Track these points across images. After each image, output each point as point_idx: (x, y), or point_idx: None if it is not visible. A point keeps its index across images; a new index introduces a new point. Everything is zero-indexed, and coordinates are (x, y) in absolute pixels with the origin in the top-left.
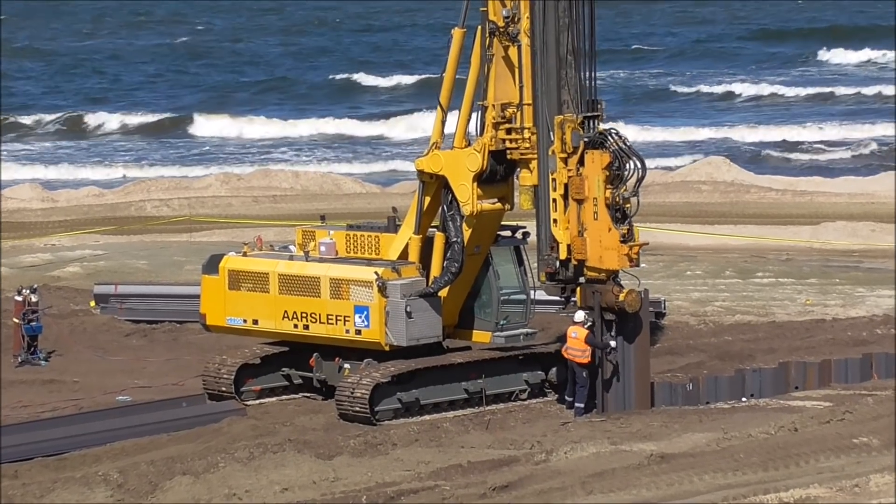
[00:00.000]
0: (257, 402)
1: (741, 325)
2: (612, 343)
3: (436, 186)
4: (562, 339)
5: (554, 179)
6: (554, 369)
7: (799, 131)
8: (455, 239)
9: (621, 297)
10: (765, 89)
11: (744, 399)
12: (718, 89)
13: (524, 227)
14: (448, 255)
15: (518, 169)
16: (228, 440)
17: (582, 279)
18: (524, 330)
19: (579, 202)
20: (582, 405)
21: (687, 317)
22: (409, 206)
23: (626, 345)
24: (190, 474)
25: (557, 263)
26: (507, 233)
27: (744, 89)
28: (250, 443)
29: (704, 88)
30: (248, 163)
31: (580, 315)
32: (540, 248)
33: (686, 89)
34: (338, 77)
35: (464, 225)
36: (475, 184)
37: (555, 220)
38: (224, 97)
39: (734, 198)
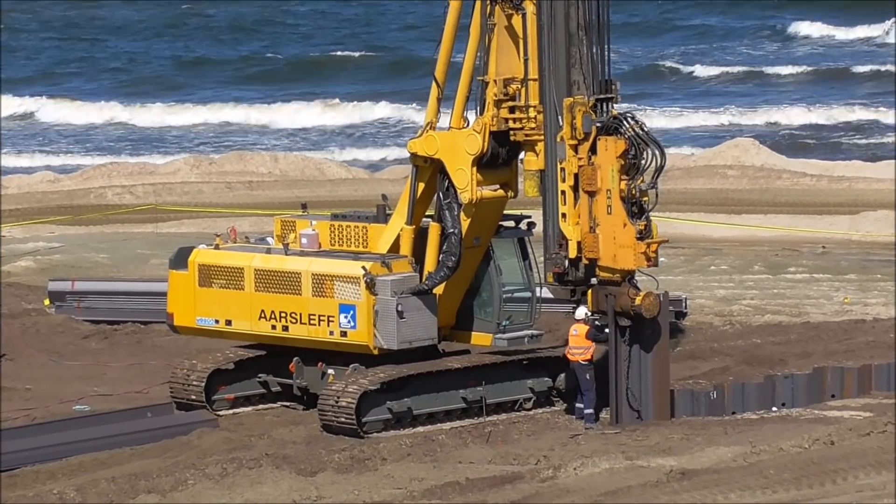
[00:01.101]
0: (231, 411)
1: (771, 326)
2: (606, 330)
3: (430, 171)
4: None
5: (563, 169)
6: (562, 376)
7: (828, 112)
8: (452, 230)
9: (637, 300)
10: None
11: (774, 409)
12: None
13: (529, 217)
14: (444, 247)
15: (522, 152)
16: (198, 454)
17: (594, 280)
18: (529, 331)
19: (591, 195)
20: (592, 410)
21: (711, 317)
22: (400, 193)
23: (644, 354)
24: (156, 492)
25: (566, 263)
26: (511, 223)
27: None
28: (223, 457)
29: (729, 69)
30: (222, 146)
31: (581, 311)
32: (547, 245)
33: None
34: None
35: (462, 214)
36: (474, 168)
37: (563, 215)
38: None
39: (764, 184)
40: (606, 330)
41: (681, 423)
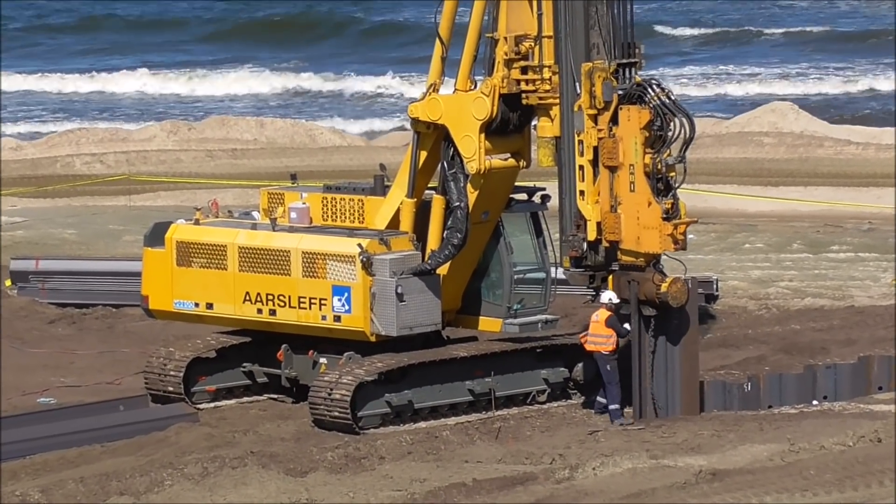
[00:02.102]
0: (212, 405)
1: (812, 311)
2: (627, 326)
3: (434, 138)
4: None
5: (581, 142)
6: (580, 365)
7: (870, 78)
8: (457, 203)
9: (663, 287)
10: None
11: (815, 402)
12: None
13: (543, 189)
14: (449, 223)
15: (536, 117)
16: (176, 452)
17: (615, 265)
18: (543, 316)
19: (612, 170)
20: (617, 406)
21: (745, 300)
22: (400, 162)
23: (671, 346)
24: (129, 494)
25: (585, 246)
26: (523, 196)
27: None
28: (203, 456)
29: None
30: (202, 111)
31: (608, 295)
32: (563, 226)
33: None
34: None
35: (468, 186)
36: (482, 135)
37: (581, 193)
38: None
39: (804, 153)
40: (627, 325)
41: (711, 419)
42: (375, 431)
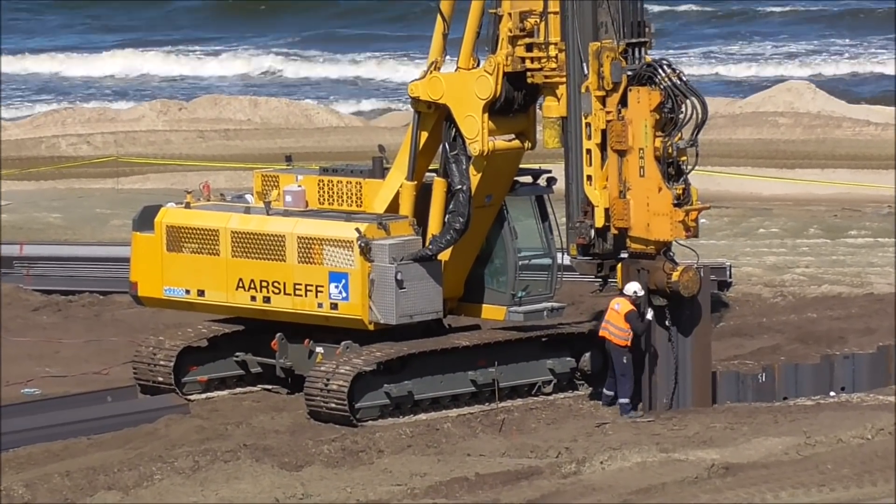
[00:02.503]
0: (203, 396)
1: (829, 299)
2: (649, 316)
3: (435, 119)
4: (599, 315)
5: (588, 124)
6: (587, 355)
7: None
8: (460, 186)
9: (674, 276)
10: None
11: (832, 394)
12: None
13: (549, 172)
14: (451, 207)
15: (541, 96)
16: (166, 445)
17: (624, 253)
18: (549, 304)
19: (621, 154)
20: (627, 400)
21: (759, 287)
22: (400, 144)
23: (682, 337)
24: (117, 489)
25: (592, 233)
26: (527, 178)
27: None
28: (194, 449)
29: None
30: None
31: (632, 287)
32: (570, 212)
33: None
34: None
35: (471, 168)
36: (486, 115)
37: (589, 177)
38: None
39: (821, 134)
40: (649, 315)
41: (724, 411)
42: (374, 424)
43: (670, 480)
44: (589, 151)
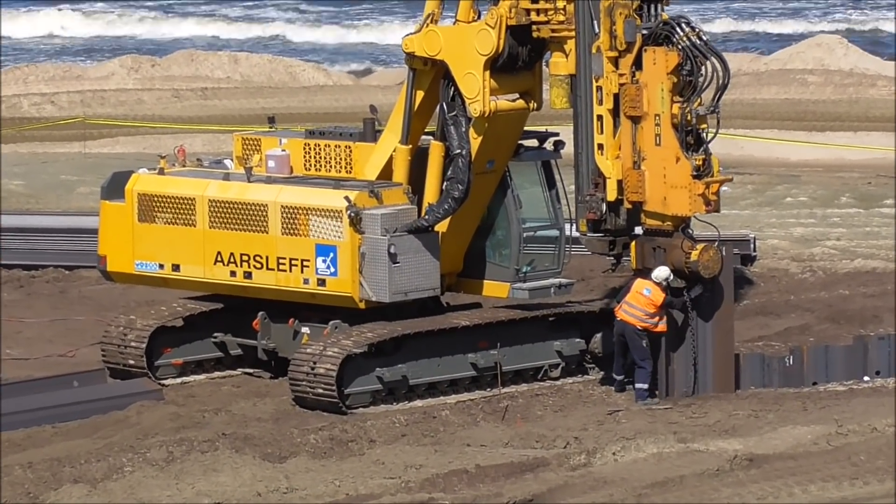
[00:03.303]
0: (179, 380)
1: (862, 274)
2: (695, 291)
3: (432, 77)
4: (613, 293)
5: (599, 88)
6: (598, 336)
7: None
8: (459, 151)
9: (694, 255)
10: None
11: (866, 378)
12: None
13: (557, 135)
14: (449, 173)
15: (548, 52)
16: (138, 434)
17: (638, 230)
18: (556, 280)
19: (635, 121)
20: (645, 386)
21: (786, 262)
22: (393, 104)
23: (702, 322)
24: (84, 482)
25: (604, 207)
26: (533, 142)
27: None
28: (169, 438)
29: None
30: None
31: (662, 273)
32: (579, 184)
33: None
34: None
35: (471, 131)
36: (487, 73)
37: (600, 146)
38: None
39: (854, 93)
40: (694, 291)
41: (748, 397)
42: (365, 411)
43: (689, 473)
44: (600, 118)
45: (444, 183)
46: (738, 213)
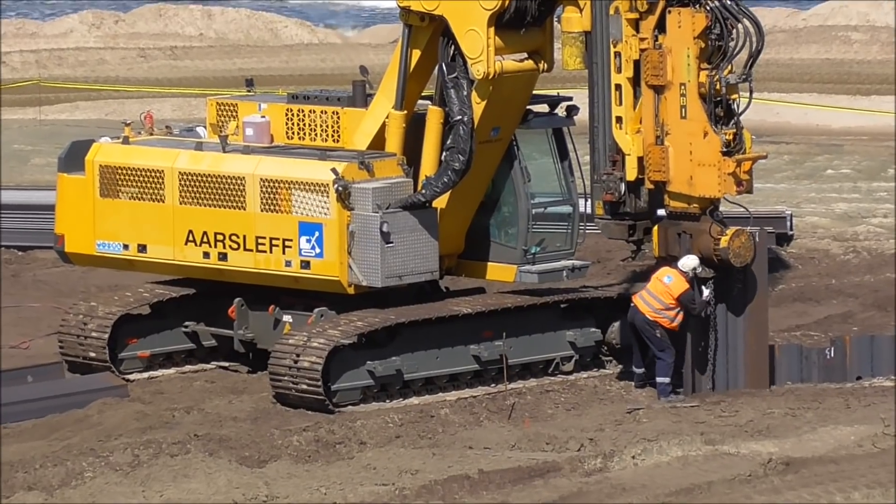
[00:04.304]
0: (146, 375)
1: None
2: (706, 294)
3: (430, 34)
4: (633, 277)
5: (618, 54)
6: (616, 325)
7: None
8: (460, 117)
9: (723, 241)
10: None
11: None
12: None
13: (569, 99)
14: (449, 142)
15: (559, 6)
16: (100, 436)
17: (661, 212)
18: (569, 262)
19: (658, 90)
20: (667, 380)
21: (827, 241)
22: (386, 64)
23: (732, 316)
24: (39, 489)
25: (623, 187)
26: (543, 107)
27: None
28: (134, 440)
29: None
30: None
31: (689, 262)
32: (595, 162)
33: None
34: None
35: (474, 95)
36: (492, 29)
37: (618, 119)
38: None
39: None
40: (707, 292)
41: (784, 393)
42: (354, 409)
43: (718, 479)
44: (618, 87)
45: (444, 153)
46: (773, 187)
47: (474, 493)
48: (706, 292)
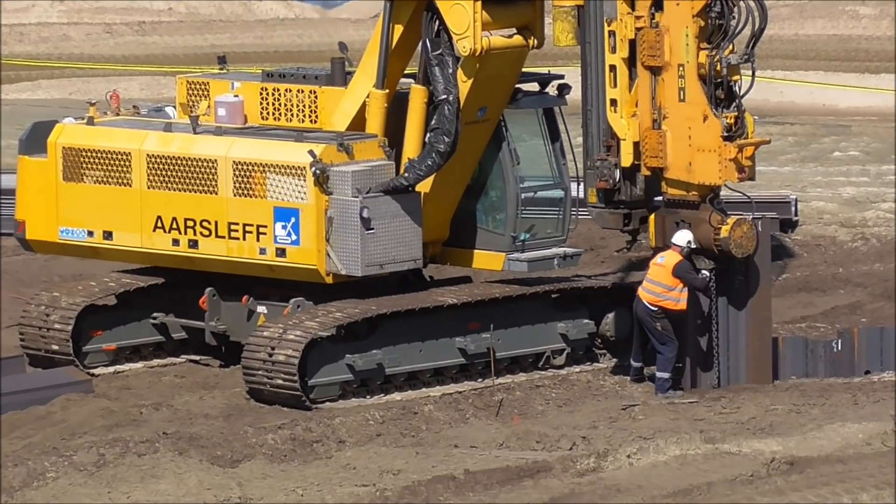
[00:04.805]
0: (111, 369)
1: None
2: (705, 272)
3: (413, 8)
4: (628, 266)
5: (612, 33)
6: (610, 316)
7: None
8: (445, 96)
9: (724, 231)
10: None
11: None
12: None
13: (561, 77)
14: (433, 123)
15: None
16: (63, 434)
17: (658, 201)
18: (560, 249)
19: (655, 72)
20: (666, 376)
21: (834, 228)
22: (366, 41)
23: (734, 311)
24: None
25: (617, 174)
26: (533, 86)
27: None
28: (99, 439)
29: None
30: None
31: (683, 236)
32: (589, 147)
33: None
34: None
35: (459, 72)
36: (479, 3)
37: (613, 102)
38: None
39: None
40: (705, 272)
41: (788, 389)
42: (333, 406)
43: (718, 479)
44: (613, 68)
45: (428, 134)
46: (777, 171)
47: (460, 495)
48: (705, 273)
